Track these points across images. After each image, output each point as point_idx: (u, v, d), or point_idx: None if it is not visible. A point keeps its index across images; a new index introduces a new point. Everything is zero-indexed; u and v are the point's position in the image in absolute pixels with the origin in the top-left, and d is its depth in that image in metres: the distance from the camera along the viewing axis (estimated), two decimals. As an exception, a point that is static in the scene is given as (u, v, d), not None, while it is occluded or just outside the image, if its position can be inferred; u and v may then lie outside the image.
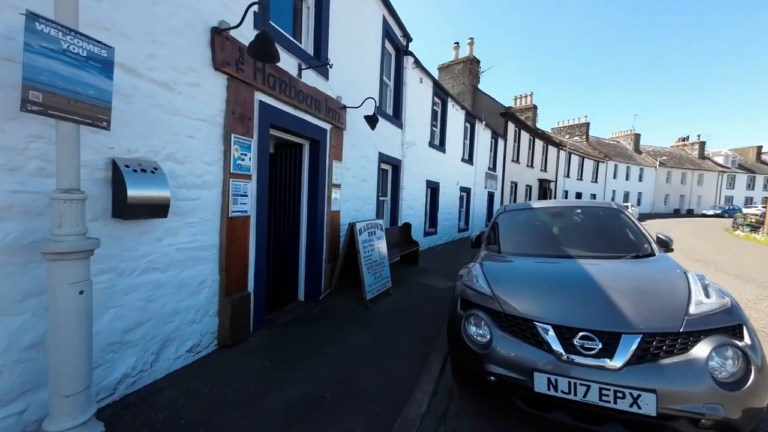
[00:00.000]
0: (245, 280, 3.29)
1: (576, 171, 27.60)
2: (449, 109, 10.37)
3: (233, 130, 3.02)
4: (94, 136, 2.02)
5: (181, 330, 2.72)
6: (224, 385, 2.53)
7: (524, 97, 23.73)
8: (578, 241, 3.24)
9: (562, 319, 2.03)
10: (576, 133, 33.48)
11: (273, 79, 3.48)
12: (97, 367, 2.15)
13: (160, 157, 2.44)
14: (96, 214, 2.09)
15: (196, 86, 2.68)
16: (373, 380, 2.75)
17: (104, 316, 2.18)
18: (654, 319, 1.93)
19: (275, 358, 3.00)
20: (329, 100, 4.56)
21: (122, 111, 2.17)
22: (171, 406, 2.27)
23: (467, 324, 2.39)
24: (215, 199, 2.94)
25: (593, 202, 3.88)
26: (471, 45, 17.93)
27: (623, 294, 2.15)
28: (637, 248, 3.01)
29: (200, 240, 2.82)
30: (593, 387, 1.81)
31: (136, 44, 2.23)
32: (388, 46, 6.84)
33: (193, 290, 2.80)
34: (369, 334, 3.64)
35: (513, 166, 17.46)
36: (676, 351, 1.82)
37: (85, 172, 2.00)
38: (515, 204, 4.23)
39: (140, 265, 2.36)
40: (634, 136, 39.68)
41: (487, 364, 2.13)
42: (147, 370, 2.47)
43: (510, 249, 3.29)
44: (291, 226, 4.71)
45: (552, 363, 1.93)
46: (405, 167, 7.67)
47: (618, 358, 1.83)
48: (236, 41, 2.98)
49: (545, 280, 2.53)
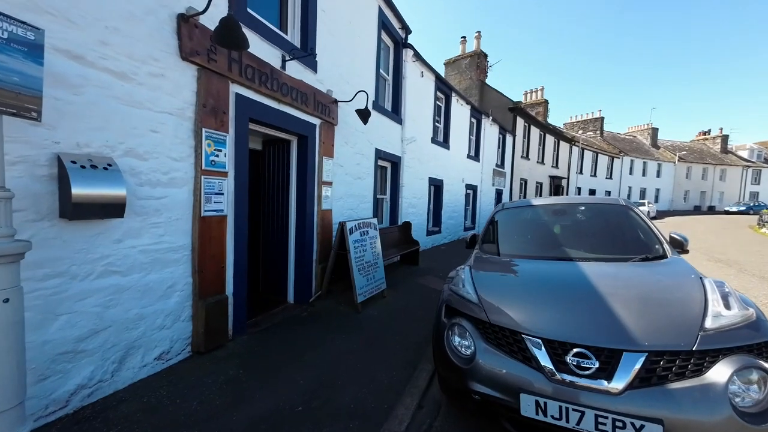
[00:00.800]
0: (222, 282, 3.11)
1: (589, 167, 26.72)
2: (453, 104, 10.04)
3: (205, 124, 2.84)
4: (34, 129, 1.86)
5: (148, 337, 2.56)
6: (189, 398, 2.36)
7: (535, 91, 23.08)
8: (581, 241, 2.95)
9: (553, 332, 1.77)
10: (590, 128, 32.42)
11: (251, 70, 3.29)
12: (45, 379, 2.00)
13: (117, 152, 2.27)
14: (41, 214, 1.93)
15: (160, 77, 2.51)
16: (353, 392, 2.53)
17: (53, 324, 2.02)
18: (662, 335, 1.65)
19: (251, 366, 2.82)
20: (318, 93, 4.35)
21: (69, 102, 2.01)
22: (126, 420, 2.10)
23: (451, 334, 2.15)
24: (185, 197, 2.77)
25: (599, 199, 3.56)
26: (478, 39, 17.47)
27: (626, 303, 1.87)
28: (646, 249, 2.69)
29: (168, 241, 2.65)
30: (588, 413, 1.55)
31: (85, 30, 2.06)
32: (385, 38, 6.59)
33: (162, 294, 2.64)
34: (356, 340, 3.43)
35: (522, 162, 16.94)
36: (688, 373, 1.53)
37: (25, 168, 1.85)
38: (514, 201, 3.94)
39: (96, 268, 2.20)
40: (651, 130, 38.19)
41: (471, 381, 1.88)
42: (107, 380, 2.32)
43: (505, 250, 3.03)
44: (279, 226, 4.53)
45: (541, 383, 1.68)
46: (405, 164, 7.41)
47: (618, 380, 1.56)
48: (207, 29, 2.79)
49: (539, 285, 2.26)
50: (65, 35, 1.97)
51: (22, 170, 1.84)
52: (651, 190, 34.74)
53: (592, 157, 26.86)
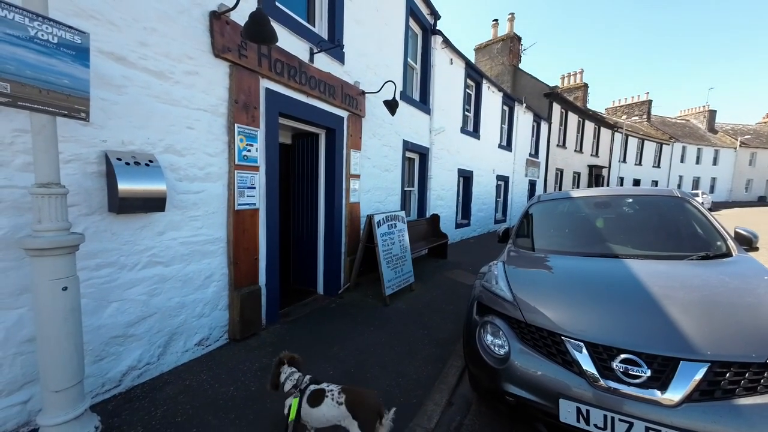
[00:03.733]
0: (256, 273, 3.22)
1: (634, 155, 24.71)
2: (484, 91, 9.62)
3: (237, 120, 2.91)
4: (84, 129, 1.99)
5: (189, 324, 2.71)
6: (226, 383, 2.48)
7: (573, 75, 21.59)
8: (628, 237, 2.71)
9: (597, 335, 1.64)
10: (635, 112, 29.87)
11: (280, 64, 3.32)
12: (101, 360, 2.18)
13: (157, 149, 2.38)
14: (92, 209, 2.08)
15: (195, 75, 2.58)
16: (382, 385, 2.53)
17: (106, 310, 2.19)
18: (728, 343, 1.47)
19: (283, 356, 2.90)
20: (345, 85, 4.32)
21: (114, 102, 2.12)
22: (171, 401, 2.24)
23: (483, 332, 2.07)
24: (220, 191, 2.87)
25: (649, 190, 3.25)
26: (511, 21, 16.53)
27: (684, 307, 1.68)
28: (706, 246, 2.42)
29: (205, 234, 2.77)
30: (638, 425, 1.42)
31: (125, 32, 2.16)
32: (413, 26, 6.39)
33: (200, 284, 2.77)
34: (384, 333, 3.43)
35: (558, 151, 15.99)
36: (760, 388, 1.36)
37: (77, 166, 1.98)
38: (551, 193, 3.70)
39: (141, 259, 2.35)
40: (707, 113, 34.47)
41: (505, 382, 1.80)
42: (154, 363, 2.49)
43: (542, 245, 2.85)
44: (309, 219, 4.61)
45: (584, 389, 1.56)
46: (433, 155, 7.24)
47: (674, 391, 1.41)
48: (237, 25, 2.83)
49: (580, 284, 2.10)
50: (108, 38, 2.07)
51: (75, 168, 1.97)
52: (706, 179, 31.56)
53: (637, 144, 24.81)
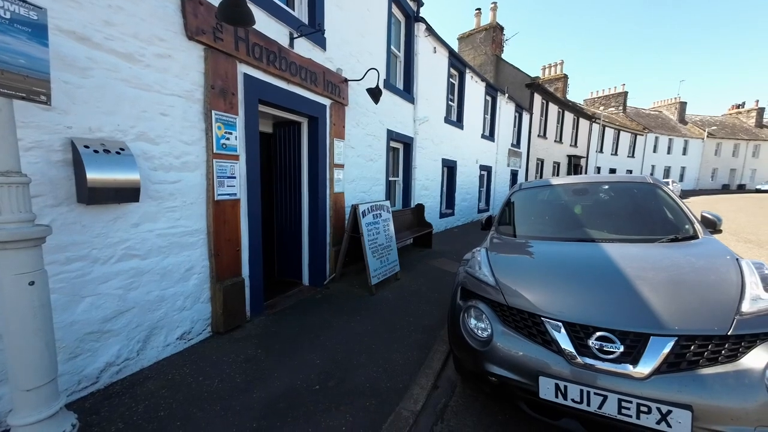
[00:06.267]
0: (238, 265, 3.16)
1: (610, 145, 25.58)
2: (467, 81, 9.64)
3: (214, 107, 2.80)
4: (46, 113, 1.86)
5: (170, 317, 2.64)
6: (210, 376, 2.44)
7: (554, 66, 21.93)
8: (604, 222, 2.82)
9: (574, 315, 1.70)
10: (612, 103, 30.79)
11: (259, 49, 3.20)
12: (76, 357, 2.10)
13: (129, 136, 2.26)
14: (59, 199, 1.96)
15: (167, 58, 2.45)
16: (369, 372, 2.57)
17: (79, 305, 2.10)
18: (694, 318, 1.56)
19: (268, 346, 2.88)
20: (327, 72, 4.22)
21: (79, 86, 1.99)
22: (153, 396, 2.19)
23: (467, 317, 2.12)
24: (198, 181, 2.77)
25: (624, 177, 3.38)
26: (494, 11, 16.55)
27: (654, 286, 1.77)
28: (675, 229, 2.55)
29: (184, 225, 2.68)
30: (611, 397, 1.50)
31: (88, 9, 2.01)
32: (396, 12, 6.29)
33: (180, 277, 2.69)
34: (370, 322, 3.46)
35: (539, 141, 16.34)
36: (721, 359, 1.45)
37: (40, 153, 1.86)
38: (532, 181, 3.78)
39: (116, 252, 2.25)
40: (678, 104, 35.96)
41: (488, 363, 1.86)
42: (134, 358, 2.42)
43: (523, 231, 2.93)
44: (292, 209, 4.54)
45: (561, 366, 1.63)
46: (418, 145, 7.24)
47: (644, 365, 1.49)
48: (212, 6, 2.70)
49: (559, 267, 2.18)
50: (69, 15, 1.92)
51: (37, 156, 1.85)
52: (676, 168, 33.13)
53: (613, 135, 25.68)
